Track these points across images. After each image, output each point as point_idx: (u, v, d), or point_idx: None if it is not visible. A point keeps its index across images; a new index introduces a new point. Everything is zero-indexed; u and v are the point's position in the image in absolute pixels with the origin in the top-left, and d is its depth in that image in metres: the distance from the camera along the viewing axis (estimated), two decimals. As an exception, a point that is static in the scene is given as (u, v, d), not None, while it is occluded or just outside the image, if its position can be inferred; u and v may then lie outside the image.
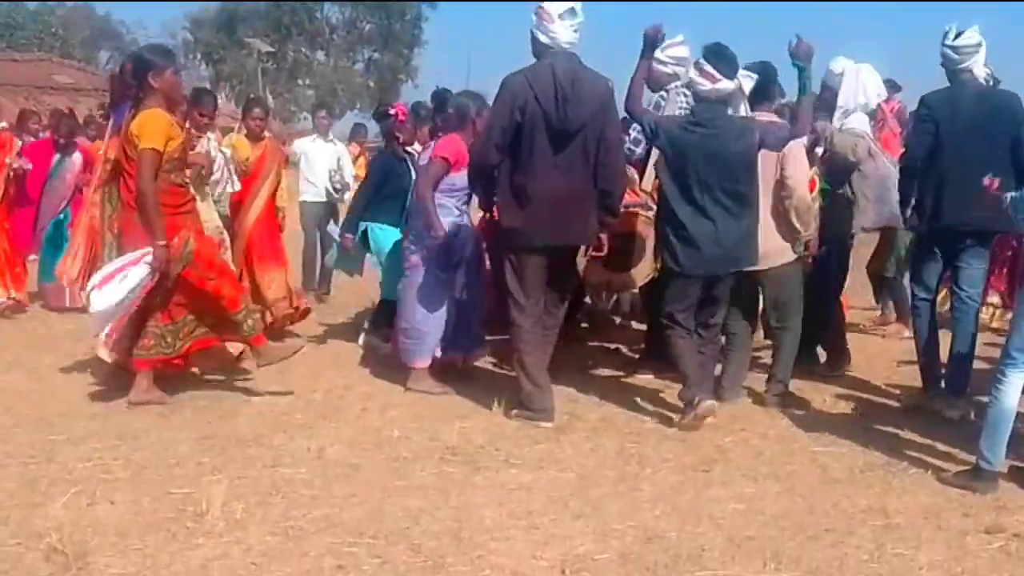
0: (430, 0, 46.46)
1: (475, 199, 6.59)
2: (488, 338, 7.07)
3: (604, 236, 6.23)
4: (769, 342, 6.97)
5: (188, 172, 6.42)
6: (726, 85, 5.83)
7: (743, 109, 6.11)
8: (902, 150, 6.81)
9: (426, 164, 6.58)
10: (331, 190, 10.30)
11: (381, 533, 4.26)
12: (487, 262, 6.87)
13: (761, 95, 6.27)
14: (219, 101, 8.54)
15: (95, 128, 11.06)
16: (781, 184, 6.19)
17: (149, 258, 5.90)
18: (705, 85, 5.83)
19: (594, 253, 6.47)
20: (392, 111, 7.85)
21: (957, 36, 6.07)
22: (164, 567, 3.93)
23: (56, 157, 9.81)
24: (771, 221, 6.22)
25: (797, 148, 6.22)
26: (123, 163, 6.05)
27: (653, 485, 4.95)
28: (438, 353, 6.69)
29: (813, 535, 4.33)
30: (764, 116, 6.21)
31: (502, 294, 6.21)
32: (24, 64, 29.24)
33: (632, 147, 6.82)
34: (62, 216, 9.63)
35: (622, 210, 6.23)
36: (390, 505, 4.59)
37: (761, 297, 6.71)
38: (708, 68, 5.80)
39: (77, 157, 9.88)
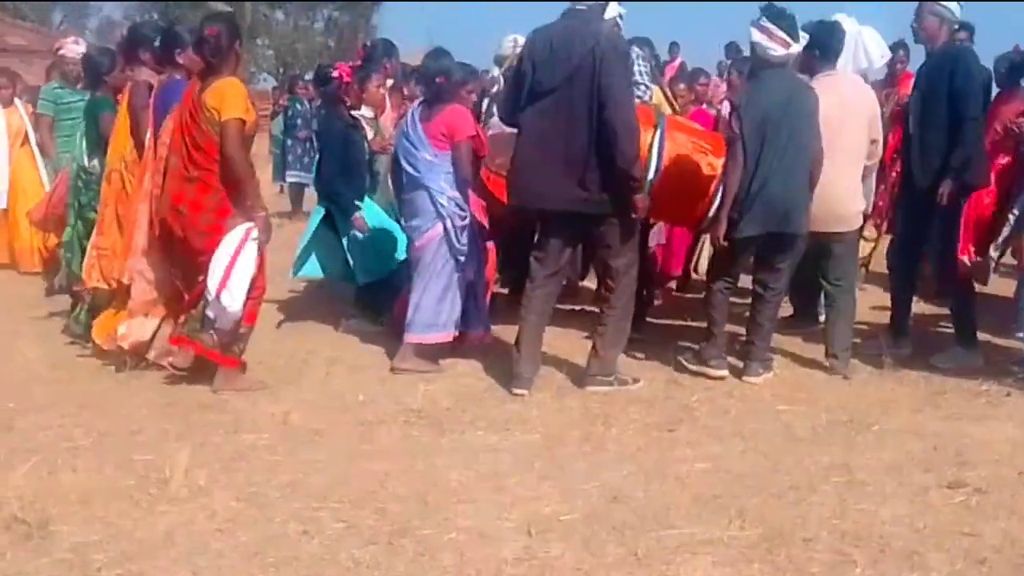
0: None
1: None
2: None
3: None
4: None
5: None
6: (796, 49, 5.85)
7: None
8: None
9: (457, 148, 6.14)
10: None
11: (347, 497, 4.25)
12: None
13: (827, 56, 6.29)
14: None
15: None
16: (872, 146, 6.26)
17: (255, 233, 5.57)
18: (777, 50, 5.78)
19: None
20: (335, 73, 7.32)
21: None
22: (128, 534, 3.90)
23: None
24: (858, 185, 6.27)
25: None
26: (191, 137, 5.59)
27: (619, 445, 4.97)
28: (442, 335, 6.34)
29: (777, 493, 4.36)
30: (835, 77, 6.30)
31: None
32: (-25, 25, 28.62)
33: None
34: None
35: None
36: (355, 469, 4.58)
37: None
38: (779, 33, 5.74)
39: None
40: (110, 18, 45.95)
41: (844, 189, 6.17)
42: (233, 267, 5.49)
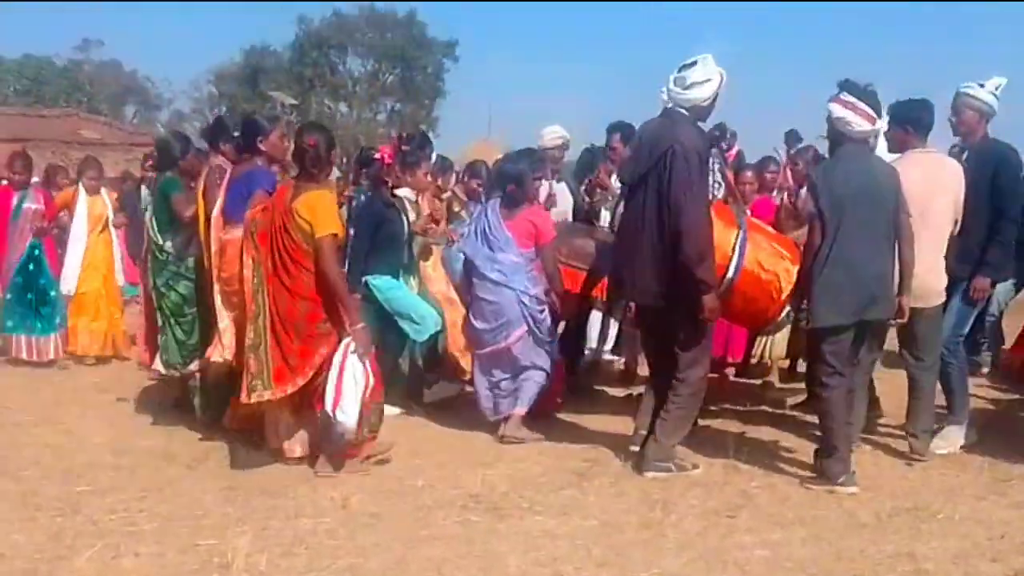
0: (450, 45, 46.79)
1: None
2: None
3: None
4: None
5: None
6: (880, 125, 5.82)
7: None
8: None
9: (543, 250, 6.66)
10: None
11: (405, 583, 4.26)
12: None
13: (920, 131, 6.22)
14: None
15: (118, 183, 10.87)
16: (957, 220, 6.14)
17: (353, 346, 5.70)
18: (862, 125, 5.63)
19: None
20: (377, 155, 7.57)
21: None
22: (189, 619, 3.93)
23: (16, 197, 9.64)
24: (940, 261, 6.15)
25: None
26: (282, 244, 5.73)
27: (678, 531, 4.93)
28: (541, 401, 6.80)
29: (840, 581, 4.29)
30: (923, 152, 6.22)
31: None
32: (51, 119, 29.55)
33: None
34: (31, 266, 9.37)
35: None
36: (414, 554, 4.59)
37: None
38: (864, 107, 5.61)
39: (35, 195, 9.77)
40: (180, 112, 47.41)
41: (926, 264, 5.98)
42: (342, 385, 5.65)
